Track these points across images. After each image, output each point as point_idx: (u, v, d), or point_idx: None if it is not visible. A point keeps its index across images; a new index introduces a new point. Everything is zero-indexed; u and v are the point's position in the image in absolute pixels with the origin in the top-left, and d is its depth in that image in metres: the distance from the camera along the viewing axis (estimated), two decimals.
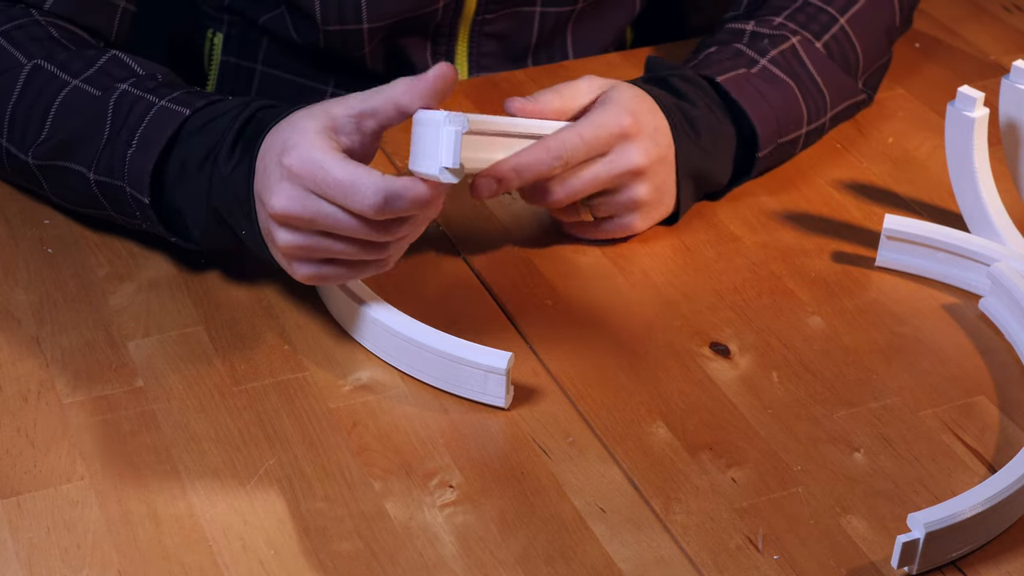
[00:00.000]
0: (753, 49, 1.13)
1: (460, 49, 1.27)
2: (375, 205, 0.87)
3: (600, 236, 1.07)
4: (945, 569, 0.83)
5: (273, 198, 0.90)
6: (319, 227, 0.90)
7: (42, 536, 0.84)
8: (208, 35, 1.31)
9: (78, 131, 1.00)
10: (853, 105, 1.18)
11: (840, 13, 1.17)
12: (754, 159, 1.11)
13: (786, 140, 1.12)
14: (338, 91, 1.29)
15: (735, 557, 0.84)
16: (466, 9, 1.23)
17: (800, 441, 0.92)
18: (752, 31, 1.14)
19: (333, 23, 1.20)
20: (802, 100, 1.12)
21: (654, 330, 1.00)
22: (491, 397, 0.93)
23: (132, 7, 1.13)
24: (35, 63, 1.03)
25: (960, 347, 1.00)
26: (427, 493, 0.87)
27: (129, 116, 0.99)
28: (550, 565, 0.83)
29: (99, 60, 1.03)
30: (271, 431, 0.91)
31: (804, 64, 1.13)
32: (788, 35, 1.14)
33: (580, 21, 1.30)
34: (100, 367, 0.96)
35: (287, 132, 0.91)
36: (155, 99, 0.99)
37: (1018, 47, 1.34)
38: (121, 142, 0.98)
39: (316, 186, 0.88)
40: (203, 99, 0.99)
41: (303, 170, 0.89)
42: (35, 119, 1.02)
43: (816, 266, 1.06)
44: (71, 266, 1.04)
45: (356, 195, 0.87)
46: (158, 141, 0.97)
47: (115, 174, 0.99)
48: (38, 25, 1.06)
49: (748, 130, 1.10)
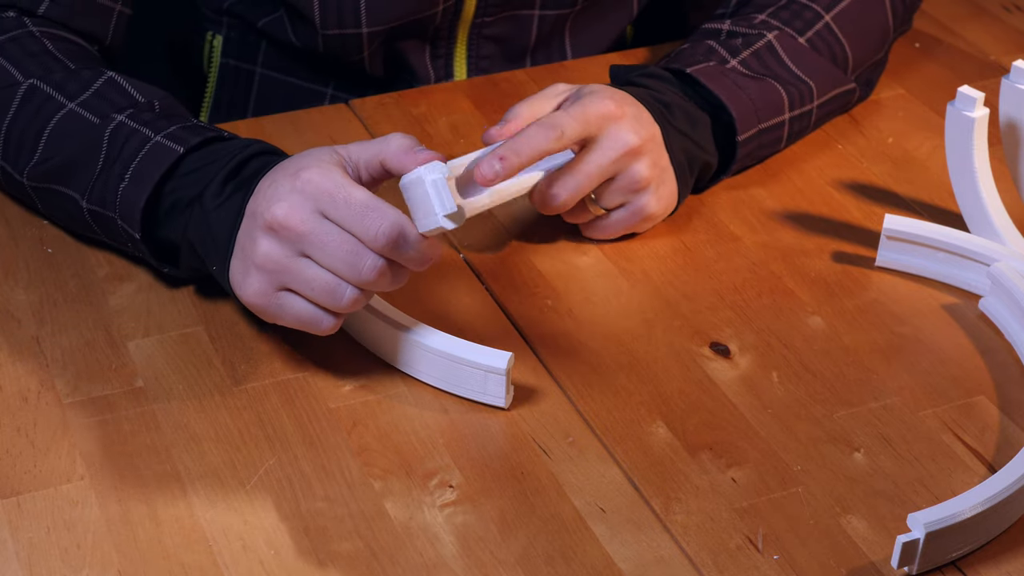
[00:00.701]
0: (725, 48, 1.12)
1: (459, 52, 1.27)
2: (387, 234, 0.87)
3: (622, 229, 1.06)
4: (945, 569, 0.83)
5: (276, 206, 0.88)
6: (308, 248, 0.88)
7: (42, 536, 0.84)
8: (208, 37, 1.31)
9: (72, 157, 0.99)
10: (843, 94, 1.17)
11: (825, 10, 1.16)
12: (735, 144, 1.10)
13: (768, 125, 1.11)
14: (337, 94, 1.29)
15: (735, 557, 0.84)
16: (465, 12, 1.23)
17: (800, 441, 0.92)
18: (728, 29, 1.14)
19: (332, 27, 1.20)
20: (781, 88, 1.11)
21: (654, 330, 1.00)
22: (491, 397, 0.93)
23: (128, 11, 1.12)
24: (31, 83, 1.02)
25: (960, 347, 1.00)
26: (427, 493, 0.87)
27: (124, 149, 0.97)
28: (550, 565, 0.83)
29: (96, 83, 1.02)
30: (271, 431, 0.91)
31: (781, 59, 1.12)
32: (765, 32, 1.13)
33: (578, 22, 1.30)
34: (100, 367, 0.96)
35: (304, 159, 0.90)
36: (151, 133, 0.98)
37: (1018, 47, 1.34)
38: (114, 175, 0.97)
39: (331, 203, 0.87)
40: (198, 136, 0.97)
41: (321, 187, 0.88)
42: (29, 140, 1.01)
43: (816, 266, 1.06)
44: (71, 266, 1.04)
45: (374, 217, 0.86)
46: (151, 177, 0.96)
47: (107, 206, 0.98)
48: (32, 37, 1.05)
49: (726, 117, 1.09)
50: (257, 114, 1.30)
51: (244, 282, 0.91)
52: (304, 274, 0.89)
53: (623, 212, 1.05)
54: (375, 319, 0.96)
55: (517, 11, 1.26)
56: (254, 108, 1.31)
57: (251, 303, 0.91)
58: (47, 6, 1.07)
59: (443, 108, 1.22)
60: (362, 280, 0.88)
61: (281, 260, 0.89)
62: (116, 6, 1.11)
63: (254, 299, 0.91)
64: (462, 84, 1.26)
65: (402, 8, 1.20)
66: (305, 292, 0.89)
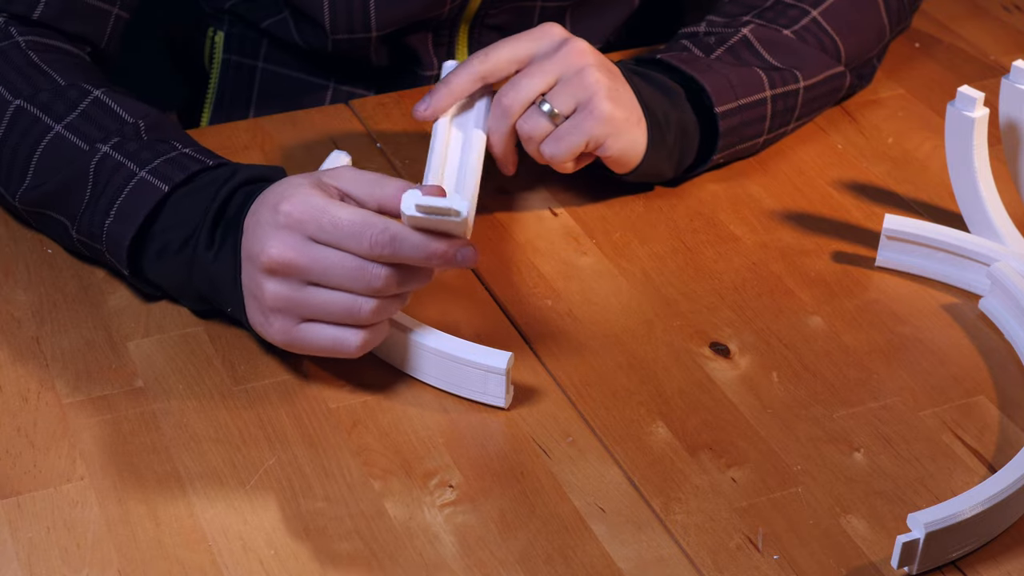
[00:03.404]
0: (699, 47, 1.12)
1: (461, 41, 1.27)
2: (381, 242, 0.86)
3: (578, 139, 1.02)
4: (945, 569, 0.83)
5: (268, 247, 0.88)
6: (313, 276, 0.88)
7: (42, 536, 0.84)
8: (209, 33, 1.31)
9: (61, 185, 0.99)
10: (833, 77, 1.16)
11: (812, 7, 1.16)
12: (714, 118, 1.09)
13: (749, 102, 1.10)
14: (340, 87, 1.29)
15: (735, 557, 0.84)
16: (470, 6, 1.24)
17: (800, 441, 0.92)
18: (704, 31, 1.14)
19: (342, 32, 1.20)
20: (760, 72, 1.11)
21: (654, 330, 1.00)
22: (491, 397, 0.93)
23: (126, 15, 1.11)
24: (18, 104, 1.01)
25: (960, 347, 1.00)
26: (427, 493, 0.87)
27: (109, 184, 0.97)
28: (550, 565, 0.83)
29: (82, 103, 1.00)
30: (271, 431, 0.91)
31: (757, 52, 1.12)
32: (740, 27, 1.13)
33: (579, 12, 1.30)
34: (100, 367, 0.96)
35: (280, 188, 0.90)
36: (135, 168, 0.96)
37: (1018, 47, 1.34)
38: (100, 210, 0.97)
39: (319, 229, 0.87)
40: (182, 172, 0.96)
41: (304, 215, 0.87)
42: (19, 165, 1.00)
43: (816, 266, 1.06)
44: (71, 266, 1.04)
45: (364, 232, 0.86)
46: (135, 217, 0.95)
47: (95, 239, 0.98)
48: (18, 50, 1.04)
49: (706, 101, 1.08)
50: (259, 108, 1.30)
51: (266, 325, 0.91)
52: (317, 301, 0.89)
53: (576, 115, 1.01)
54: None
55: (520, 2, 1.26)
56: (256, 102, 1.31)
57: (279, 343, 0.92)
58: (41, 11, 1.06)
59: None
60: (374, 289, 0.88)
61: (292, 296, 0.89)
62: (113, 10, 1.10)
63: (280, 339, 0.91)
64: None
65: (411, 9, 1.20)
66: (325, 317, 0.90)
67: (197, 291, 0.96)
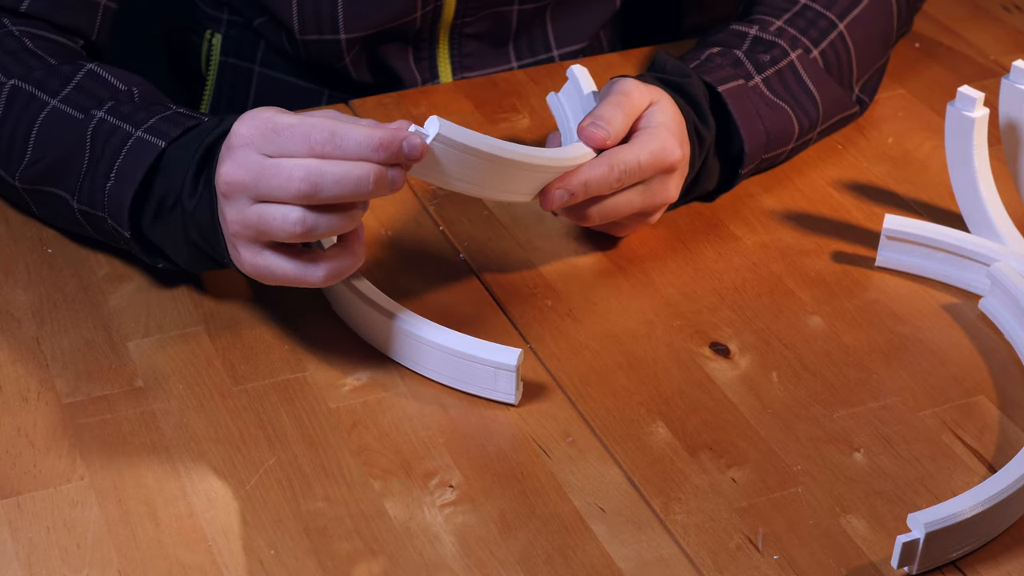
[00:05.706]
0: (752, 62, 1.11)
1: (442, 52, 1.27)
2: (324, 139, 0.84)
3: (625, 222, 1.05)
4: (945, 569, 0.84)
5: (222, 171, 0.87)
6: (263, 190, 0.86)
7: (42, 536, 0.84)
8: (206, 35, 1.31)
9: (60, 157, 0.99)
10: (843, 119, 1.17)
11: (839, 18, 1.16)
12: (736, 175, 1.10)
13: (771, 155, 1.12)
14: (335, 93, 1.29)
15: (735, 557, 0.84)
16: (444, 15, 1.23)
17: (800, 441, 0.92)
18: (754, 36, 1.13)
19: (311, 32, 1.20)
20: (795, 119, 1.11)
21: (654, 330, 1.00)
22: (501, 394, 0.93)
23: (115, 5, 1.12)
24: (13, 84, 1.01)
25: (960, 347, 1.00)
26: (427, 493, 0.87)
27: (106, 147, 0.97)
28: (550, 565, 0.83)
29: (76, 76, 1.01)
30: (271, 431, 0.91)
31: (801, 79, 1.12)
32: (787, 48, 1.12)
33: (559, 10, 1.30)
34: (100, 367, 0.96)
35: (241, 115, 0.89)
36: (131, 128, 0.97)
37: (1018, 47, 1.34)
38: (100, 174, 0.97)
39: (265, 141, 0.86)
40: (179, 127, 0.96)
41: (253, 129, 0.86)
42: (18, 143, 1.01)
43: (816, 266, 1.07)
44: (71, 266, 1.04)
45: (309, 130, 0.84)
46: (135, 176, 0.95)
47: (96, 205, 0.98)
48: (12, 37, 1.04)
49: (737, 145, 1.09)
50: None
51: (238, 258, 0.91)
52: (275, 220, 0.86)
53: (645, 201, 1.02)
54: (383, 316, 0.95)
55: (496, 8, 1.25)
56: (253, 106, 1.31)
57: (252, 275, 0.91)
58: (30, 3, 1.06)
59: (443, 108, 1.22)
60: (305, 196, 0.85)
61: (242, 217, 0.87)
62: (103, 1, 1.10)
63: (250, 270, 0.90)
64: (462, 84, 1.26)
65: (380, 14, 1.20)
66: (276, 235, 0.87)
67: (194, 244, 0.95)
